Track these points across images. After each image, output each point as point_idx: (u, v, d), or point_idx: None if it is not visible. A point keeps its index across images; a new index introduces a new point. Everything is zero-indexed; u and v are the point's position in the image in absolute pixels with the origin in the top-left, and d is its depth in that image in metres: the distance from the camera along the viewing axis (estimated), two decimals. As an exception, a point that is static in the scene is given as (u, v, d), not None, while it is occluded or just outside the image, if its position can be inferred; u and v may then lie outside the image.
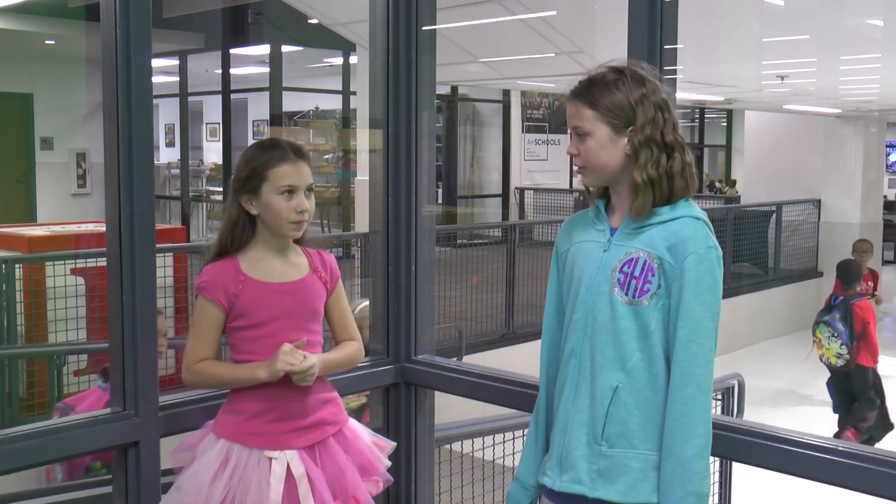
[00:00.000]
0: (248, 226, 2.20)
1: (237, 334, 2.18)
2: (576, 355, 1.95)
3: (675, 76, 2.35)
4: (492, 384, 2.67)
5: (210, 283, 2.16)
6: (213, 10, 11.02)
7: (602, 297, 1.91)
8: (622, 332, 1.89)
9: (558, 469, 1.96)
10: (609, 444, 1.90)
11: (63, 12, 10.44)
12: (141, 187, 2.23)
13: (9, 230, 6.88)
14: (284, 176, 2.13)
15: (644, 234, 1.91)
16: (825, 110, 12.04)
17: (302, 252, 2.27)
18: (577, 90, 1.96)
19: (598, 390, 1.91)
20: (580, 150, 1.95)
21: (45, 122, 12.74)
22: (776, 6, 5.88)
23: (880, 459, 1.95)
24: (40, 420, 2.46)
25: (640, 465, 1.89)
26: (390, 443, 2.40)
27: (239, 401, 2.17)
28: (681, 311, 1.86)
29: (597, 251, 1.96)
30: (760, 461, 2.10)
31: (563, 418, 1.97)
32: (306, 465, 2.14)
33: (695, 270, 1.85)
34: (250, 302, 2.15)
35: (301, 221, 2.16)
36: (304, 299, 2.21)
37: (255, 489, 2.09)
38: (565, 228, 2.09)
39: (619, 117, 1.91)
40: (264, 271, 2.19)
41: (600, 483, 1.90)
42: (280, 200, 2.14)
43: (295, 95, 13.31)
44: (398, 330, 2.91)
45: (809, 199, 12.61)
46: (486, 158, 14.85)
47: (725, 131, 20.35)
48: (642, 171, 1.89)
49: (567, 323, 2.00)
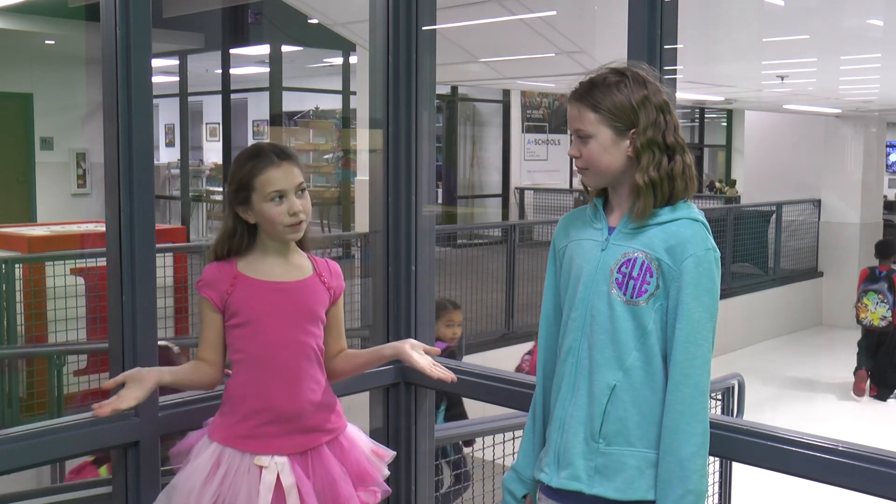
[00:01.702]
0: (247, 234, 2.18)
1: (232, 333, 2.16)
2: (573, 353, 1.96)
3: (675, 76, 2.35)
4: (492, 384, 2.67)
5: (205, 282, 2.16)
6: (213, 10, 11.02)
7: (600, 296, 1.92)
8: (620, 332, 1.90)
9: (555, 466, 1.97)
10: (606, 442, 1.91)
11: (63, 12, 10.44)
12: (141, 187, 2.23)
13: (9, 230, 6.88)
14: (270, 182, 2.11)
15: (643, 234, 1.91)
16: (825, 110, 12.04)
17: (308, 258, 2.26)
18: (579, 92, 1.96)
19: (595, 388, 1.92)
20: (582, 152, 1.95)
21: (45, 122, 12.74)
22: (776, 6, 5.88)
23: (880, 459, 1.95)
24: (40, 420, 2.45)
25: (637, 463, 1.90)
26: (390, 452, 2.38)
27: (231, 402, 2.16)
28: (679, 312, 1.87)
29: (595, 250, 1.96)
30: (760, 461, 2.10)
31: (559, 416, 1.98)
32: (296, 474, 2.11)
33: (693, 272, 1.87)
34: (242, 298, 2.13)
35: (298, 223, 2.14)
36: (303, 300, 2.19)
37: (245, 497, 2.07)
38: (563, 225, 2.09)
39: (621, 120, 1.91)
40: (261, 271, 2.17)
41: (598, 480, 1.91)
42: (271, 207, 2.11)
43: (295, 95, 13.31)
44: (398, 330, 2.91)
45: (809, 199, 12.60)
46: (486, 158, 14.85)
47: (725, 131, 20.36)
48: (644, 174, 1.90)
49: (565, 320, 2.00)
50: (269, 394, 2.13)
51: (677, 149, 1.93)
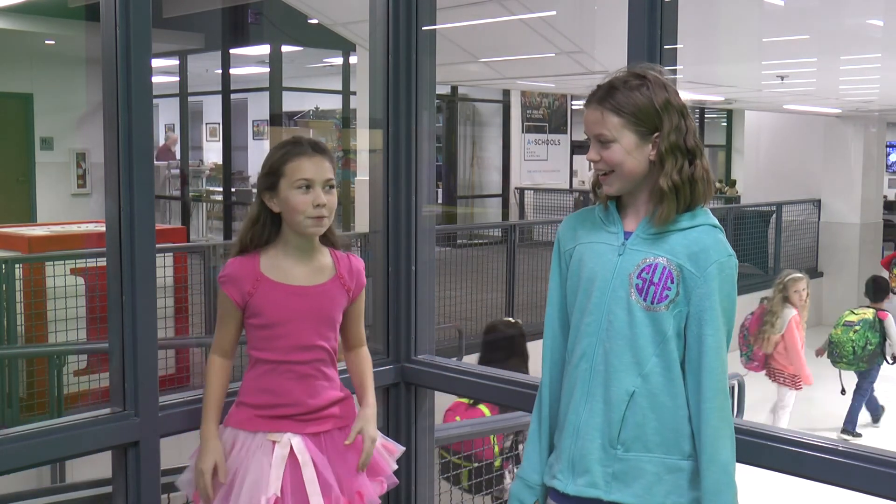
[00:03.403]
0: (271, 224, 2.20)
1: (253, 332, 2.20)
2: (587, 359, 1.94)
3: (676, 76, 2.35)
4: (492, 384, 2.67)
5: (228, 278, 2.18)
6: (213, 10, 11.02)
7: (618, 302, 1.90)
8: (640, 338, 1.88)
9: (570, 473, 1.95)
10: (625, 448, 1.90)
11: (63, 12, 10.44)
12: (141, 187, 2.23)
13: (9, 230, 6.88)
14: (300, 170, 2.13)
15: (663, 240, 1.90)
16: (825, 110, 12.04)
17: (330, 255, 2.26)
18: (599, 96, 1.91)
19: (613, 395, 1.90)
20: (603, 156, 1.92)
21: (45, 122, 12.74)
22: (776, 6, 5.88)
23: (880, 459, 1.95)
24: (40, 420, 2.45)
25: (655, 469, 1.90)
26: (399, 447, 2.41)
27: (248, 394, 2.20)
28: (707, 318, 1.87)
29: (610, 254, 1.94)
30: (760, 461, 2.10)
31: (573, 422, 1.95)
32: (311, 451, 2.15)
33: (718, 279, 1.87)
34: (264, 302, 2.16)
35: (321, 217, 2.15)
36: (322, 305, 2.21)
37: (256, 468, 2.11)
38: (569, 226, 2.05)
39: (645, 124, 1.89)
40: (283, 272, 2.19)
41: (615, 486, 1.90)
42: (297, 195, 2.13)
43: (295, 95, 13.31)
44: (398, 330, 2.91)
45: (809, 199, 12.60)
46: (486, 158, 14.84)
47: (725, 131, 20.36)
48: (668, 178, 1.87)
49: (576, 325, 1.97)
50: (284, 391, 2.17)
51: (697, 153, 1.92)
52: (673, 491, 1.90)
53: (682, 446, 1.90)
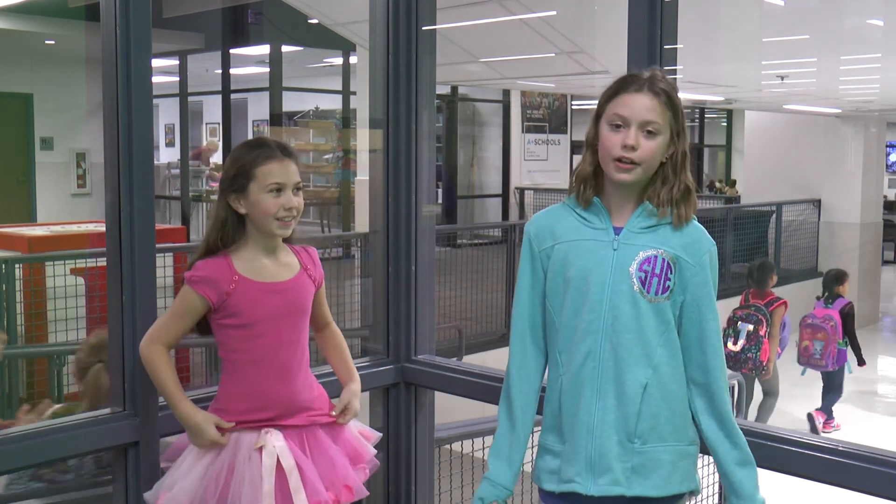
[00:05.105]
0: (238, 226, 2.19)
1: (227, 332, 2.17)
2: (594, 357, 1.93)
3: (676, 76, 2.35)
4: (492, 384, 2.67)
5: (203, 279, 2.15)
6: (213, 10, 11.01)
7: (622, 297, 1.91)
8: (647, 329, 1.92)
9: (590, 474, 1.93)
10: (642, 441, 1.92)
11: (63, 12, 10.44)
12: (141, 187, 2.23)
13: (9, 230, 6.88)
14: (272, 174, 2.14)
15: (655, 233, 1.94)
16: (825, 110, 12.04)
17: (291, 251, 2.28)
18: (655, 87, 1.93)
19: (628, 389, 1.92)
20: (643, 145, 1.92)
21: (45, 122, 12.75)
22: (776, 6, 5.88)
23: (880, 459, 1.95)
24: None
25: (670, 458, 1.94)
26: (375, 433, 2.43)
27: (226, 400, 2.19)
28: (706, 304, 1.95)
29: (602, 250, 1.94)
30: (760, 461, 2.09)
31: (586, 422, 1.94)
32: (295, 454, 2.15)
33: (711, 267, 1.97)
34: (243, 302, 2.15)
35: (289, 220, 2.17)
36: (295, 299, 2.23)
37: (249, 486, 2.10)
38: (542, 225, 2.04)
39: (677, 125, 1.95)
40: (258, 271, 2.19)
41: (636, 480, 1.92)
42: (268, 198, 2.14)
43: (295, 95, 13.31)
44: (398, 330, 2.91)
45: (809, 199, 12.60)
46: (486, 158, 14.85)
47: (725, 131, 20.36)
48: (687, 178, 1.96)
49: (570, 325, 1.96)
50: (264, 390, 2.17)
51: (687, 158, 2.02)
52: (686, 477, 1.96)
53: (688, 432, 1.97)
